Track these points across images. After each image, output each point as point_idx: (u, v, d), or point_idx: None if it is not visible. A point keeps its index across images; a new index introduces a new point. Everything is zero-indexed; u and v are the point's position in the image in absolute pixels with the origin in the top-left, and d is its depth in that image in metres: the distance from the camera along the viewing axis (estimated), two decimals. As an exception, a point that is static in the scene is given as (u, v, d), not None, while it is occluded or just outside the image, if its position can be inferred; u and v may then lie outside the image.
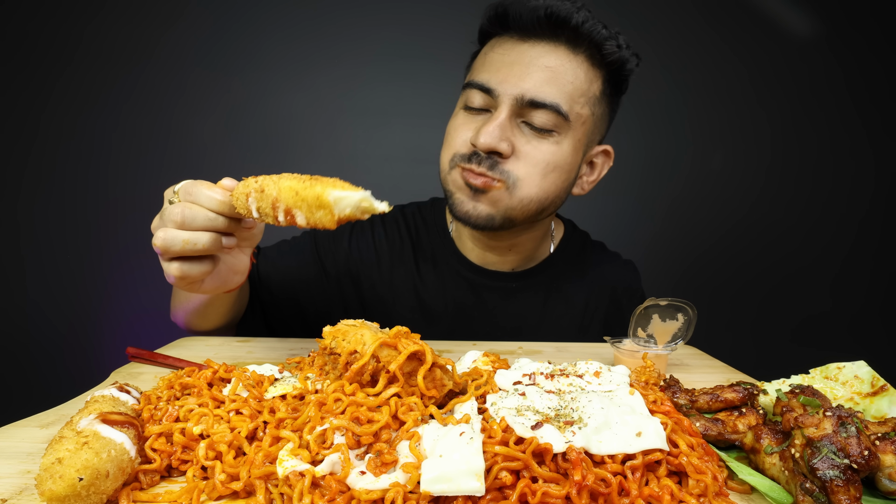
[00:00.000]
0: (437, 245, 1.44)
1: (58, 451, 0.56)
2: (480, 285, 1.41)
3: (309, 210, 0.73)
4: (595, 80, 1.19)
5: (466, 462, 0.57)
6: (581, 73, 1.16)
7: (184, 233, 0.81)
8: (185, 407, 0.71)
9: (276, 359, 1.09)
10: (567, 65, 1.14)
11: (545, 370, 0.84)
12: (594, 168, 1.34)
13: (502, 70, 1.15)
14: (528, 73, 1.13)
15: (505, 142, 1.14)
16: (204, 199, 0.81)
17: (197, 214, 0.81)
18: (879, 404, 0.78)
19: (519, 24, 1.15)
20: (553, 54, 1.14)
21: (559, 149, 1.18)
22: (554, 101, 1.13)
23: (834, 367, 0.88)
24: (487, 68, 1.18)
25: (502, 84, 1.14)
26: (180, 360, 1.02)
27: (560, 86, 1.14)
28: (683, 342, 1.08)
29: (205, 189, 0.82)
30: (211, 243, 0.82)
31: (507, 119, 1.14)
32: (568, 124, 1.16)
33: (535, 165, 1.16)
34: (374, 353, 0.69)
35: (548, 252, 1.48)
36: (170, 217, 0.81)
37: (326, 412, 0.66)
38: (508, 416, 0.65)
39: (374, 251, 1.44)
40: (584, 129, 1.21)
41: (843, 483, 0.57)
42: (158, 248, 0.82)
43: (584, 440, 0.61)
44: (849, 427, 0.61)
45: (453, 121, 1.25)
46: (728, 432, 0.73)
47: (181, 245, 0.81)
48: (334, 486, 0.58)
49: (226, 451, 0.64)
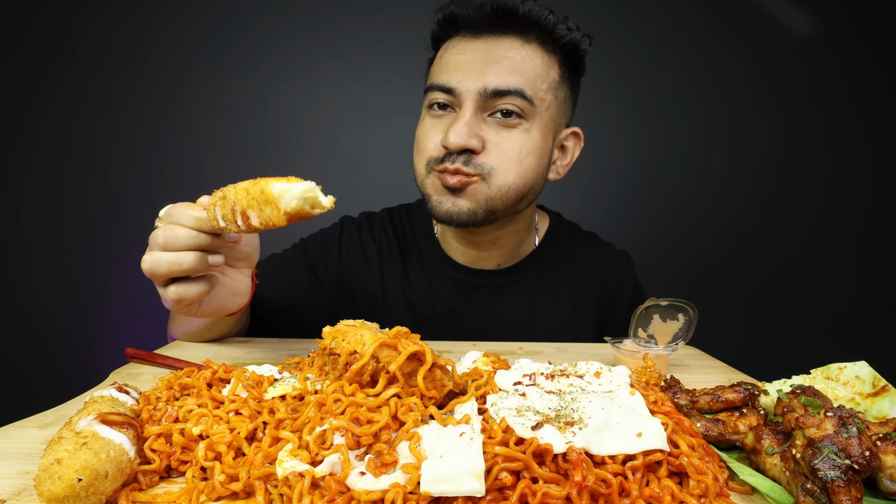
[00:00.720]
0: (424, 246, 1.44)
1: (57, 452, 0.56)
2: (467, 284, 1.42)
3: (259, 208, 0.73)
4: (552, 66, 1.21)
5: (466, 463, 0.57)
6: (537, 60, 1.18)
7: (168, 254, 0.83)
8: (184, 407, 0.71)
9: (276, 359, 1.09)
10: (522, 53, 1.17)
11: (545, 370, 0.84)
12: (566, 151, 1.36)
13: (461, 68, 1.17)
14: (486, 66, 1.16)
15: (474, 138, 1.16)
16: (183, 218, 0.83)
17: (178, 234, 0.83)
18: (881, 405, 0.78)
19: (468, 23, 1.18)
20: (506, 45, 1.17)
21: (529, 136, 1.20)
22: (517, 87, 1.15)
23: (835, 367, 0.88)
24: (445, 69, 1.20)
25: (463, 81, 1.16)
26: (179, 360, 1.02)
27: (520, 73, 1.16)
28: (684, 342, 1.07)
29: (183, 208, 0.84)
30: (196, 261, 0.84)
31: (472, 116, 1.16)
32: (534, 109, 1.18)
33: (507, 154, 1.18)
34: (374, 353, 0.69)
35: (533, 246, 1.47)
36: (154, 241, 0.84)
37: (326, 413, 0.66)
38: (509, 416, 0.65)
39: (363, 255, 1.44)
40: (550, 114, 1.23)
41: (845, 484, 0.57)
42: (147, 272, 0.84)
43: (585, 441, 0.61)
44: (850, 428, 0.61)
45: (421, 126, 1.27)
46: (729, 433, 0.73)
47: (167, 266, 0.83)
48: (334, 486, 0.58)
49: (225, 452, 0.63)
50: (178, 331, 1.21)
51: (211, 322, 1.16)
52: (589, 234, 1.58)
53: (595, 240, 1.57)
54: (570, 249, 1.50)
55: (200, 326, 1.17)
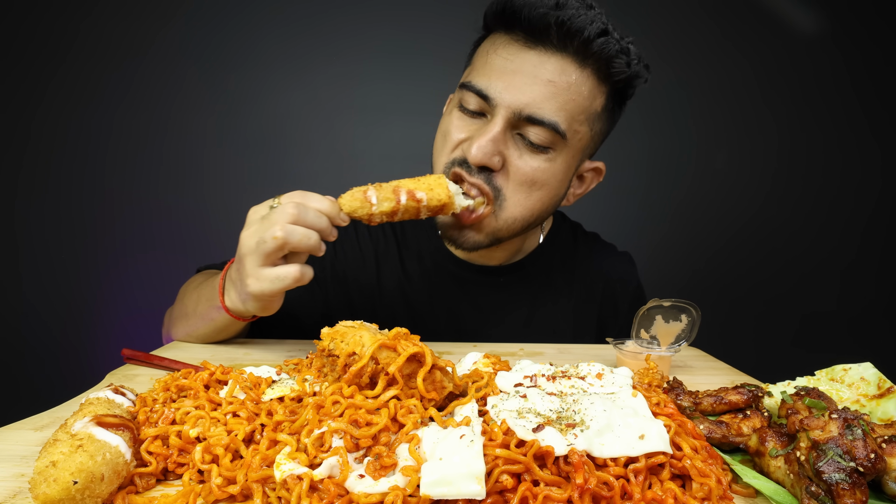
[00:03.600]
0: (423, 241, 1.43)
1: (52, 455, 0.56)
2: (468, 281, 1.40)
3: (429, 188, 1.01)
4: (598, 96, 1.14)
5: (467, 465, 0.56)
6: (585, 90, 1.11)
7: (300, 228, 0.93)
8: (181, 409, 0.70)
9: (274, 360, 1.08)
10: (571, 79, 1.09)
11: (547, 372, 0.83)
12: (583, 182, 1.33)
13: (504, 77, 1.10)
14: (529, 85, 1.08)
15: (497, 156, 1.11)
16: (314, 201, 0.96)
17: (308, 211, 0.95)
18: (886, 406, 0.77)
19: (528, 26, 1.09)
20: (559, 67, 1.08)
21: (551, 166, 1.15)
22: (552, 120, 1.09)
23: (840, 368, 0.87)
24: (488, 72, 1.12)
25: (501, 94, 1.09)
26: (176, 361, 1.01)
27: (561, 103, 1.09)
28: (687, 343, 1.07)
29: (316, 195, 0.97)
30: (318, 242, 0.96)
31: (501, 132, 1.10)
32: (564, 142, 1.13)
33: (522, 182, 1.14)
34: (373, 354, 0.68)
35: (536, 243, 1.46)
36: (282, 214, 0.93)
37: (325, 415, 0.66)
38: (509, 418, 0.65)
39: (359, 251, 1.43)
40: (581, 145, 1.19)
41: (850, 486, 0.57)
42: (279, 240, 0.92)
43: (587, 443, 0.60)
44: (855, 429, 0.61)
45: (448, 119, 1.20)
46: (732, 435, 0.73)
47: (299, 238, 0.93)
48: (333, 489, 0.57)
49: (222, 455, 0.63)
50: (186, 330, 1.19)
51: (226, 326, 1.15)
52: (591, 235, 1.58)
53: (597, 240, 1.57)
54: (573, 249, 1.50)
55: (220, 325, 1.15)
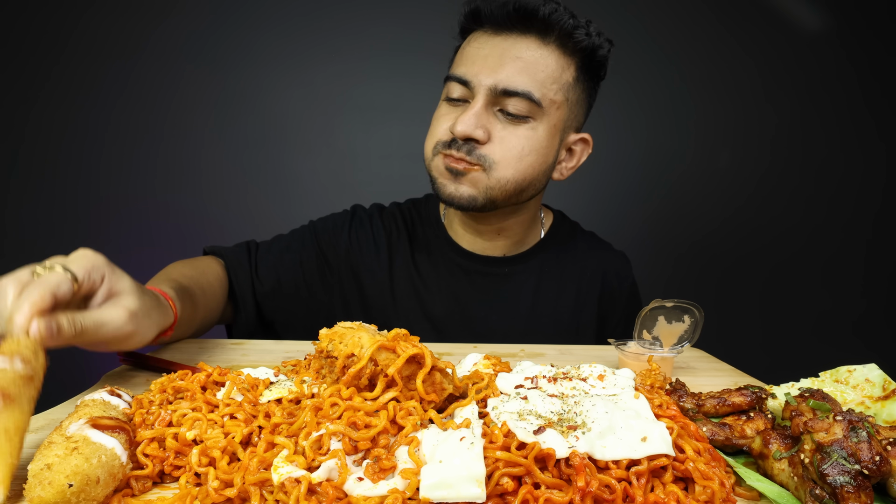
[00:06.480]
0: (431, 235, 1.51)
1: (47, 457, 0.56)
2: (473, 271, 1.47)
3: None
4: (567, 67, 1.26)
5: (467, 468, 0.56)
6: (552, 62, 1.23)
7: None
8: (178, 411, 0.70)
9: (272, 362, 1.08)
10: (537, 54, 1.22)
11: (548, 373, 0.83)
12: (573, 154, 1.41)
13: (477, 63, 1.24)
14: (500, 64, 1.21)
15: (480, 129, 1.22)
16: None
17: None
18: (891, 408, 0.76)
19: (491, 19, 1.25)
20: (524, 45, 1.23)
21: (534, 133, 1.25)
22: (526, 90, 1.21)
23: (844, 370, 0.87)
24: (464, 62, 1.27)
25: (477, 76, 1.22)
26: (173, 363, 1.00)
27: (531, 74, 1.21)
28: (690, 345, 1.06)
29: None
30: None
31: (482, 108, 1.22)
32: (542, 110, 1.24)
33: (510, 149, 1.24)
34: (372, 356, 0.68)
35: (538, 237, 1.53)
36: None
37: (323, 417, 0.65)
38: (510, 420, 0.64)
39: (372, 242, 1.49)
40: (560, 115, 1.28)
41: (854, 489, 0.56)
42: None
43: (588, 445, 0.60)
44: (860, 432, 0.60)
45: (437, 112, 1.34)
46: (735, 437, 0.72)
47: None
48: (331, 492, 0.57)
49: (219, 457, 0.62)
50: None
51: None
52: (589, 233, 1.64)
53: (594, 238, 1.64)
54: (573, 245, 1.57)
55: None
